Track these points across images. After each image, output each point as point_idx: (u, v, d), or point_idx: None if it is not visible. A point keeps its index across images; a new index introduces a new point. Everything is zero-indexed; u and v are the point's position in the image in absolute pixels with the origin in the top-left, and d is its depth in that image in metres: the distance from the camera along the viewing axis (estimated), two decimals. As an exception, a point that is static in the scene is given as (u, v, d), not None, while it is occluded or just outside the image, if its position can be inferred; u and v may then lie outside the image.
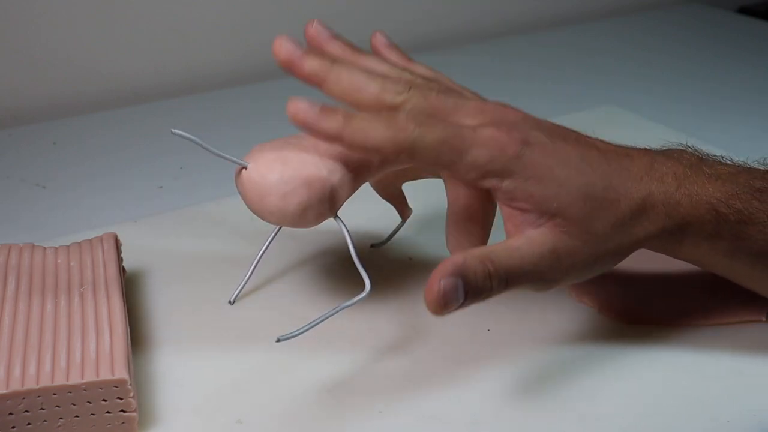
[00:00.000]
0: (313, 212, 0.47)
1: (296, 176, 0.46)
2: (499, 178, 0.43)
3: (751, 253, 0.47)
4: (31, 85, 0.84)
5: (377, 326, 0.52)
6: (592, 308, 0.54)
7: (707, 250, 0.47)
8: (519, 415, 0.46)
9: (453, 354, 0.50)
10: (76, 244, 0.53)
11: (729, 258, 0.47)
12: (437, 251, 0.58)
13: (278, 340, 0.45)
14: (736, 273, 0.49)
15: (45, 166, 0.73)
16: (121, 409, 0.43)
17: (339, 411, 0.46)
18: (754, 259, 0.47)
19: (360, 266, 0.48)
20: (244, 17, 0.93)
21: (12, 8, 0.80)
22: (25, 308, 0.47)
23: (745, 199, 0.46)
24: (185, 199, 0.67)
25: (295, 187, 0.46)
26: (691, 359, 0.50)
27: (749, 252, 0.47)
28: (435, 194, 0.55)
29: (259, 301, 0.54)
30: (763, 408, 0.47)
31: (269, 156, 0.47)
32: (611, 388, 0.48)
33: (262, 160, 0.47)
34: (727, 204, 0.45)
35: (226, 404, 0.46)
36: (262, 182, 0.46)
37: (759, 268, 0.48)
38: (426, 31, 1.04)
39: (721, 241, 0.46)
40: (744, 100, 0.88)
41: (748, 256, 0.47)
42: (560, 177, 0.43)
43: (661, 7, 1.17)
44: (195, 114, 0.85)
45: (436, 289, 0.41)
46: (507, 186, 0.43)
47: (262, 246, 0.53)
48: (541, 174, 0.43)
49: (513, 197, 0.43)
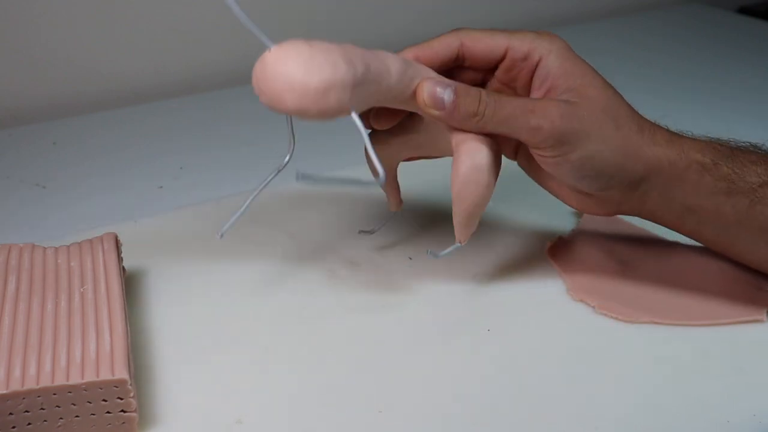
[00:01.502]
0: (335, 95, 0.45)
1: (322, 54, 0.45)
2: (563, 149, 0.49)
3: (734, 191, 0.50)
4: (31, 85, 0.84)
5: (377, 326, 0.52)
6: (591, 308, 0.54)
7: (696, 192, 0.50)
8: (519, 415, 0.46)
9: (453, 354, 0.50)
10: (76, 244, 0.53)
11: (726, 197, 0.50)
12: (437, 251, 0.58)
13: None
14: (723, 219, 0.51)
15: (45, 166, 0.73)
16: (121, 409, 0.43)
17: (339, 411, 0.46)
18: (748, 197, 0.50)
19: (373, 154, 0.45)
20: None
21: (12, 8, 0.80)
22: (26, 308, 0.47)
23: (718, 148, 0.50)
24: (185, 199, 0.67)
25: (321, 63, 0.45)
26: (691, 359, 0.50)
27: (734, 191, 0.50)
28: (435, 195, 0.55)
29: (260, 301, 0.54)
30: (763, 408, 0.47)
31: (297, 41, 0.45)
32: (611, 388, 0.48)
33: (290, 43, 0.45)
34: (702, 153, 0.50)
35: (226, 404, 0.46)
36: (285, 58, 0.45)
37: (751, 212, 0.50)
38: (426, 31, 1.03)
39: (703, 180, 0.50)
40: (744, 100, 0.88)
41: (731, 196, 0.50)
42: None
43: (661, 7, 1.17)
44: (195, 114, 0.85)
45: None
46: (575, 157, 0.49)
47: (260, 184, 0.51)
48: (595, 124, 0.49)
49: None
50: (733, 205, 0.50)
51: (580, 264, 0.58)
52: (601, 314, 0.54)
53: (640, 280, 0.56)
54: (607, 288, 0.55)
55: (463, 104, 0.48)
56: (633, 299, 0.54)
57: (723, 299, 0.54)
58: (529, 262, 0.59)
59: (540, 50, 0.50)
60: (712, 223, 0.51)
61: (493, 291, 0.56)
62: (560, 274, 0.57)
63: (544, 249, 0.60)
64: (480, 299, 0.55)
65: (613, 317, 0.53)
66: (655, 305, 0.54)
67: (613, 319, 0.53)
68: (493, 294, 0.55)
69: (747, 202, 0.49)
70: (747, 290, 0.54)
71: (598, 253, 0.59)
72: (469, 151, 0.49)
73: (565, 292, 0.56)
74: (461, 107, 0.48)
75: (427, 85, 0.48)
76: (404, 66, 0.49)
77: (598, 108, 0.49)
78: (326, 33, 1.05)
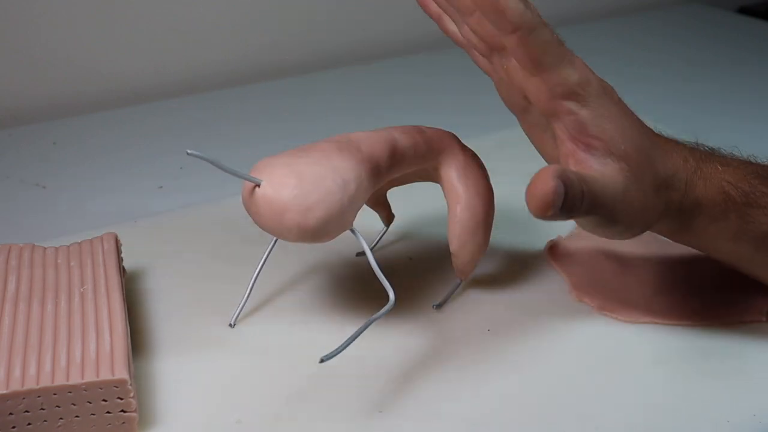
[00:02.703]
0: (334, 226, 0.45)
1: (314, 191, 0.44)
2: (579, 105, 0.44)
3: (755, 237, 0.48)
4: (31, 85, 0.84)
5: (377, 326, 0.52)
6: (592, 308, 0.54)
7: (714, 233, 0.48)
8: (519, 415, 0.46)
9: (453, 354, 0.50)
10: (76, 244, 0.53)
11: (734, 242, 0.48)
12: (437, 251, 0.58)
13: (322, 360, 0.42)
14: (740, 257, 0.50)
15: (45, 166, 0.73)
16: (121, 409, 0.43)
17: (339, 411, 0.46)
18: (757, 243, 0.48)
19: (381, 277, 0.47)
20: (244, 17, 0.93)
21: (12, 8, 0.81)
22: (26, 308, 0.47)
23: (752, 183, 0.48)
24: (185, 199, 0.67)
25: (315, 202, 0.44)
26: (691, 359, 0.50)
27: (753, 236, 0.48)
28: (434, 196, 0.55)
29: (260, 301, 0.54)
30: (763, 408, 0.47)
31: (282, 171, 0.45)
32: (611, 388, 0.48)
33: (276, 175, 0.45)
34: (736, 186, 0.47)
35: (226, 404, 0.46)
36: (279, 199, 0.44)
37: (762, 252, 0.49)
38: (426, 31, 1.03)
39: (728, 223, 0.48)
40: (744, 100, 0.88)
41: (752, 239, 0.48)
42: (624, 125, 0.45)
43: (661, 7, 1.17)
44: (195, 114, 0.85)
45: (543, 188, 0.40)
46: (584, 115, 0.44)
47: (259, 263, 0.52)
48: (612, 116, 0.45)
49: (584, 129, 0.44)
50: (737, 249, 0.49)
51: (580, 264, 0.58)
52: (601, 314, 0.54)
53: (640, 280, 0.56)
54: (607, 288, 0.55)
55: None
56: (633, 299, 0.54)
57: (723, 299, 0.54)
58: (529, 262, 0.59)
59: None
60: (714, 256, 0.51)
61: (493, 291, 0.56)
62: (560, 274, 0.57)
63: (544, 249, 0.60)
64: (480, 299, 0.55)
65: (613, 317, 0.53)
66: (655, 305, 0.54)
67: (613, 319, 0.53)
68: (493, 294, 0.55)
69: (752, 248, 0.49)
70: (747, 290, 0.54)
71: (598, 253, 0.59)
72: (464, 205, 0.51)
73: (565, 293, 0.56)
74: None
75: None
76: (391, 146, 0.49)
77: None
78: (326, 32, 1.06)
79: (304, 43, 0.96)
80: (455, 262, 0.52)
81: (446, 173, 0.52)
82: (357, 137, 0.48)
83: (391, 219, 0.59)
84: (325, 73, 0.95)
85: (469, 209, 0.51)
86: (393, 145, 0.49)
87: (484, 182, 0.52)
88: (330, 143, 0.47)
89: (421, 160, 0.51)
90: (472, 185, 0.52)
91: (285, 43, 0.95)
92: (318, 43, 0.97)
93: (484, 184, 0.52)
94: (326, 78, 0.94)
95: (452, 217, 0.51)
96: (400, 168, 0.50)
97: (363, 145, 0.48)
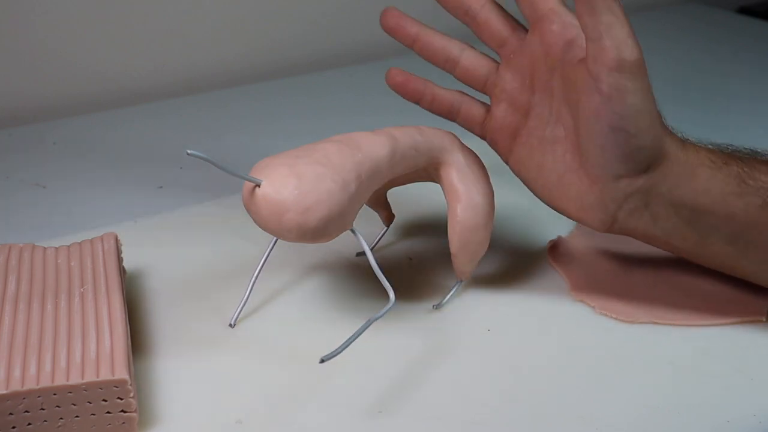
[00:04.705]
0: (334, 226, 0.46)
1: (314, 191, 0.44)
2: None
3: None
4: (31, 85, 0.84)
5: (377, 326, 0.52)
6: (592, 308, 0.54)
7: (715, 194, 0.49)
8: (519, 415, 0.46)
9: (453, 354, 0.50)
10: (76, 244, 0.53)
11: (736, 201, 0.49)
12: (437, 251, 0.58)
13: (322, 360, 0.42)
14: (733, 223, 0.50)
15: (45, 166, 0.73)
16: (121, 410, 0.43)
17: (339, 411, 0.46)
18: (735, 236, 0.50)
19: (381, 277, 0.47)
20: (244, 17, 0.93)
21: (12, 8, 0.80)
22: (25, 308, 0.47)
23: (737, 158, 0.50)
24: (185, 199, 0.67)
25: (316, 202, 0.44)
26: (691, 359, 0.50)
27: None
28: (434, 196, 0.55)
29: (260, 301, 0.54)
30: (763, 408, 0.47)
31: (282, 171, 0.45)
32: (611, 388, 0.48)
33: (276, 175, 0.45)
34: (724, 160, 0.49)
35: (226, 404, 0.46)
36: (279, 199, 0.44)
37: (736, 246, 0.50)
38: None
39: (729, 177, 0.49)
40: (744, 100, 0.88)
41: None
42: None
43: (661, 7, 1.17)
44: (195, 114, 0.85)
45: None
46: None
47: (259, 264, 0.52)
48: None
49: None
50: (745, 206, 0.49)
51: (580, 264, 0.58)
52: (601, 314, 0.54)
53: (640, 280, 0.56)
54: (607, 288, 0.56)
55: None
56: (633, 299, 0.54)
57: (723, 299, 0.54)
58: (529, 262, 0.59)
59: None
60: (720, 230, 0.50)
61: (493, 291, 0.56)
62: (560, 274, 0.57)
63: (544, 249, 0.60)
64: (480, 299, 0.55)
65: (613, 317, 0.53)
66: (655, 305, 0.54)
67: (613, 319, 0.53)
68: (493, 294, 0.55)
69: (759, 202, 0.49)
70: (747, 290, 0.54)
71: (598, 253, 0.59)
72: (465, 205, 0.51)
73: (565, 293, 0.56)
74: None
75: None
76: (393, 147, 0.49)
77: None
78: (326, 32, 1.06)
79: (304, 43, 0.96)
80: (455, 262, 0.52)
81: (446, 173, 0.52)
82: (357, 137, 0.48)
83: (391, 219, 0.59)
84: (325, 73, 0.95)
85: (470, 209, 0.51)
86: (393, 145, 0.49)
87: (484, 182, 0.53)
88: (330, 143, 0.47)
89: (422, 160, 0.51)
90: (472, 185, 0.52)
91: (285, 43, 0.95)
92: (318, 43, 0.97)
93: (484, 184, 0.52)
94: (326, 78, 0.94)
95: (452, 218, 0.51)
96: (400, 168, 0.50)
97: (363, 145, 0.48)
